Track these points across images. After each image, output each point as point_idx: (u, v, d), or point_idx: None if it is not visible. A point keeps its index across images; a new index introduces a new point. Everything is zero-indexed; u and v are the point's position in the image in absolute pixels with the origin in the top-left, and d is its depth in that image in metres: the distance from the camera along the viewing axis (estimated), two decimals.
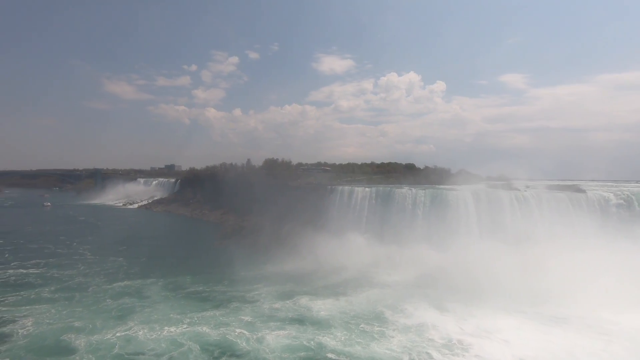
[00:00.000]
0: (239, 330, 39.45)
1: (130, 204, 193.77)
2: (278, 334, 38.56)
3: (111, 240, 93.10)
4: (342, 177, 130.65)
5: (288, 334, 38.57)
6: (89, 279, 58.46)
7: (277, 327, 40.50)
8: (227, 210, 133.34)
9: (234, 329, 39.78)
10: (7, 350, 33.81)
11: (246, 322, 41.65)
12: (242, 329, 39.80)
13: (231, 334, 38.58)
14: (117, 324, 40.38)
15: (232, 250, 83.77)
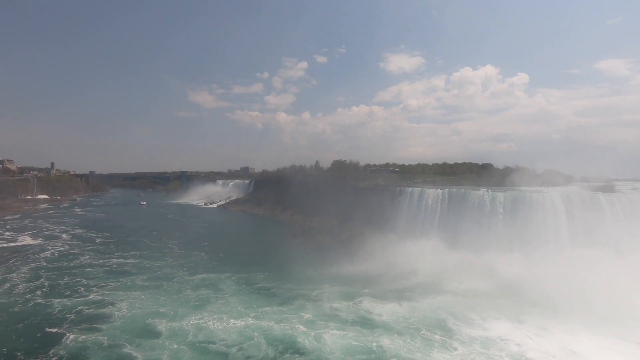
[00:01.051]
0: (300, 327, 42.30)
1: (211, 203, 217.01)
2: (337, 334, 40.52)
3: (194, 237, 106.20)
4: (412, 178, 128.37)
5: (347, 335, 40.33)
6: (174, 271, 68.03)
7: (337, 327, 42.50)
8: (297, 211, 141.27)
9: (296, 325, 42.86)
10: (107, 329, 41.47)
11: (307, 320, 44.50)
12: (304, 326, 42.55)
13: (294, 330, 41.51)
14: (193, 313, 46.55)
15: (301, 249, 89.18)
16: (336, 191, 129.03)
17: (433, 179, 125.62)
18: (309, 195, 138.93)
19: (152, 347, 37.24)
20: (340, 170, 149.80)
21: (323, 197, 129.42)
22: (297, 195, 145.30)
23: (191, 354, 36.05)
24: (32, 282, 58.88)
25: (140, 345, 37.46)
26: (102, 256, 78.93)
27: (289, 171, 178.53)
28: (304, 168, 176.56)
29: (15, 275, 62.81)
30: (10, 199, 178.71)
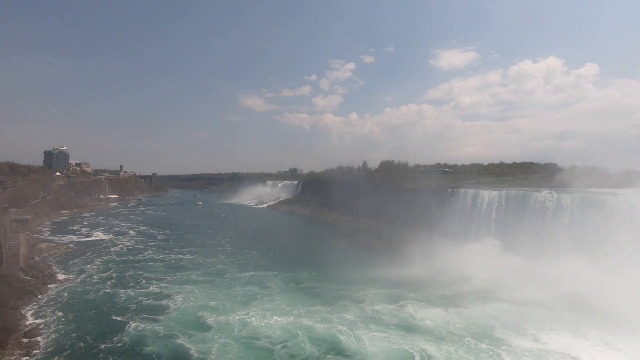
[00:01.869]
0: (342, 327, 42.65)
1: (261, 203, 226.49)
2: (378, 337, 40.29)
3: (246, 235, 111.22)
4: (465, 179, 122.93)
5: (389, 338, 39.97)
6: (226, 267, 72.24)
7: (378, 330, 42.28)
8: (344, 212, 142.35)
9: (338, 325, 43.25)
10: (163, 320, 45.01)
11: (349, 321, 44.69)
12: (346, 327, 42.86)
13: (335, 330, 41.96)
14: (241, 308, 49.04)
15: (348, 250, 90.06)
16: (384, 192, 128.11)
17: (488, 180, 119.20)
18: (356, 196, 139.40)
19: (203, 339, 39.80)
20: (388, 171, 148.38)
21: (371, 199, 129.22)
22: (345, 196, 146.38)
23: (238, 349, 37.87)
24: (103, 274, 66.23)
25: (192, 337, 40.26)
26: (162, 251, 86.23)
27: (336, 172, 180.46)
28: (351, 169, 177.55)
29: (90, 266, 71.36)
30: (86, 198, 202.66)
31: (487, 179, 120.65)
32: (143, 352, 37.20)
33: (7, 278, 55.64)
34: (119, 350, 37.47)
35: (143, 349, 37.67)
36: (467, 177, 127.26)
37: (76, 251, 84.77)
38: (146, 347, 38.20)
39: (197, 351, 37.33)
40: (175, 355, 36.67)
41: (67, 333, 41.34)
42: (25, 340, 39.33)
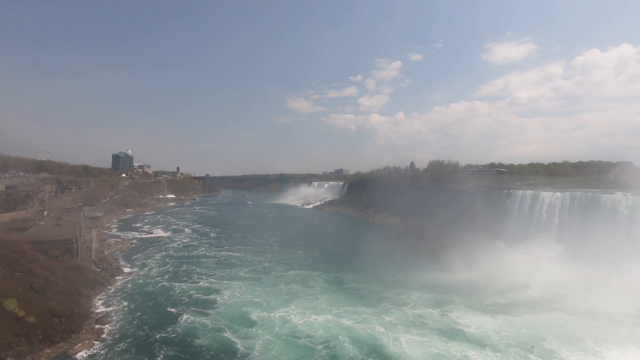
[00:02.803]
0: (380, 329, 42.56)
1: (307, 204, 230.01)
2: (417, 341, 39.56)
3: (292, 235, 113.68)
4: (522, 179, 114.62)
5: (429, 343, 39.10)
6: (272, 265, 74.64)
7: (419, 334, 41.56)
8: (391, 213, 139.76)
9: (376, 327, 43.19)
10: (212, 314, 47.64)
11: (389, 323, 44.39)
12: (385, 329, 42.67)
13: (374, 332, 41.85)
14: (283, 305, 50.47)
15: (394, 253, 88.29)
16: (433, 193, 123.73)
17: (550, 181, 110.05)
18: (404, 197, 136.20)
19: (247, 335, 41.56)
20: (437, 171, 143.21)
21: (419, 200, 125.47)
22: (392, 197, 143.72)
23: (280, 346, 38.91)
24: (161, 268, 71.64)
25: (238, 332, 42.21)
26: (214, 249, 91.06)
27: (383, 173, 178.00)
28: (398, 169, 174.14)
29: (151, 261, 77.57)
30: (148, 197, 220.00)
31: (548, 180, 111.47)
32: (193, 344, 39.65)
33: (81, 269, 62.21)
34: (172, 341, 40.30)
35: (194, 341, 40.17)
36: (524, 177, 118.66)
37: (139, 247, 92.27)
38: (196, 339, 40.67)
39: (243, 346, 38.98)
40: (222, 348, 38.56)
41: (130, 322, 45.35)
42: (96, 327, 43.78)
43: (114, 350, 38.30)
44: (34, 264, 54.25)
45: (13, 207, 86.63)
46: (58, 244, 65.21)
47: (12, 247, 57.49)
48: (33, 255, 57.44)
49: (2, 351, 34.55)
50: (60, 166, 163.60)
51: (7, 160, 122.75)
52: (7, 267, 49.84)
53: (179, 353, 37.76)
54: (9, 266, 50.28)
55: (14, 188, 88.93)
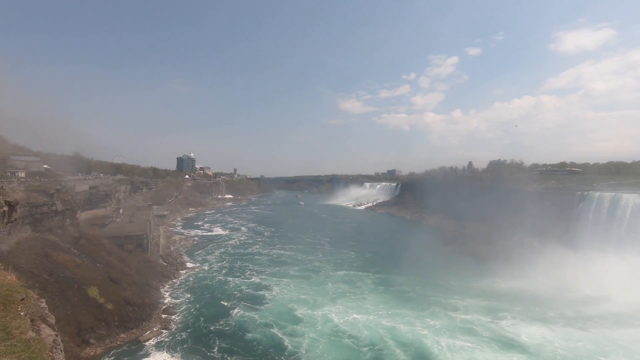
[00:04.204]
0: (424, 332, 42.03)
1: (359, 205, 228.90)
2: (462, 346, 38.31)
3: (344, 236, 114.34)
4: (600, 180, 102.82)
5: (475, 349, 37.80)
6: (322, 265, 75.98)
7: (466, 339, 40.30)
8: (447, 215, 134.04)
9: (422, 330, 42.59)
10: (262, 310, 50.05)
11: (434, 327, 43.46)
12: (428, 331, 42.06)
13: (419, 336, 41.32)
14: (329, 304, 51.58)
15: (449, 257, 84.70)
16: (494, 195, 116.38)
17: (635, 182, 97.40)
18: (460, 199, 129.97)
19: (294, 332, 43.07)
20: (498, 171, 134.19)
21: (478, 202, 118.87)
22: (447, 198, 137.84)
23: (325, 345, 39.79)
24: (219, 263, 76.39)
25: (284, 329, 43.91)
26: (267, 247, 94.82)
27: (438, 173, 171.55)
28: (455, 170, 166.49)
29: (211, 257, 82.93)
30: (208, 197, 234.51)
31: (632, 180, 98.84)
32: (245, 337, 42.13)
33: (151, 263, 68.20)
34: (225, 334, 43.17)
35: (245, 335, 42.67)
36: (603, 177, 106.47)
37: (200, 243, 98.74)
38: (247, 333, 43.13)
39: (290, 344, 40.47)
40: (271, 344, 40.47)
41: (191, 313, 49.43)
42: (164, 316, 47.83)
43: (177, 339, 41.77)
44: (112, 257, 60.78)
45: (95, 205, 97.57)
46: (132, 239, 72.31)
47: (94, 240, 64.93)
48: (111, 249, 64.40)
49: (86, 333, 39.14)
50: (133, 168, 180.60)
51: (90, 163, 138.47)
52: (90, 258, 56.34)
53: (232, 346, 40.31)
54: (91, 258, 56.81)
55: (96, 188, 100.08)
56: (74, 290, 44.16)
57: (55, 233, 58.48)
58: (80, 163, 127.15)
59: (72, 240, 60.53)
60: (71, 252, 55.41)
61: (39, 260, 46.36)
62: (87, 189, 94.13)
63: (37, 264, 45.16)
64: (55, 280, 43.92)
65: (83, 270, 50.32)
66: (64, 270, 47.30)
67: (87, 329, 39.86)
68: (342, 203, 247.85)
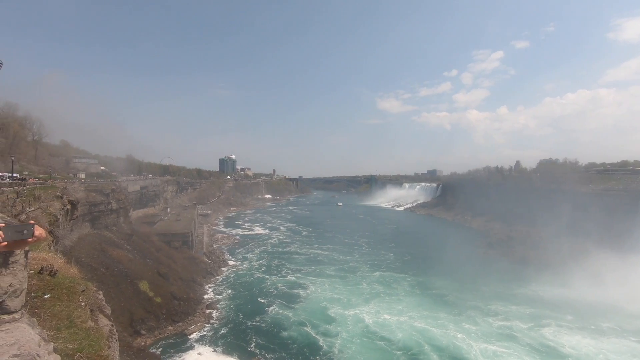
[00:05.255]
0: (460, 335, 41.04)
1: (397, 206, 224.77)
2: (492, 350, 37.26)
3: (382, 237, 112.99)
4: None
5: (508, 355, 36.74)
6: (359, 265, 75.90)
7: (503, 345, 38.98)
8: (492, 218, 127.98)
9: (457, 334, 41.56)
10: (297, 308, 51.08)
11: (468, 331, 42.31)
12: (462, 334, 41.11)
13: (453, 339, 40.42)
14: (362, 305, 51.65)
15: (494, 261, 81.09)
16: (545, 196, 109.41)
17: None
18: (507, 200, 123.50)
19: (327, 332, 43.66)
20: (549, 171, 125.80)
21: (527, 203, 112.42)
22: (493, 200, 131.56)
23: (358, 347, 39.94)
24: (259, 261, 78.89)
25: (317, 327, 44.68)
26: (304, 246, 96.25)
27: (482, 173, 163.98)
28: (501, 170, 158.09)
29: (251, 255, 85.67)
30: (248, 197, 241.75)
31: None
32: (280, 335, 43.36)
33: (195, 260, 71.65)
34: (261, 330, 44.75)
35: (280, 332, 43.90)
36: None
37: (241, 242, 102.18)
38: (283, 331, 44.33)
39: (324, 343, 41.10)
40: (306, 343, 41.34)
41: (232, 309, 51.78)
42: (207, 311, 50.09)
43: (218, 334, 43.86)
44: (160, 253, 64.64)
45: (145, 204, 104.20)
46: (178, 237, 76.46)
47: (144, 237, 69.41)
48: (159, 246, 68.51)
49: (138, 324, 41.96)
50: (179, 170, 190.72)
51: (141, 165, 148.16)
52: (140, 254, 60.28)
53: (268, 343, 41.71)
54: (142, 253, 60.76)
55: (146, 188, 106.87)
56: (127, 283, 47.54)
57: (111, 230, 63.29)
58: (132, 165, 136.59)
59: (125, 237, 65.18)
60: (124, 247, 59.67)
61: (96, 254, 50.45)
62: (138, 189, 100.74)
63: (95, 258, 49.16)
64: (110, 274, 47.54)
65: (135, 265, 54.03)
66: (118, 264, 51.08)
67: (138, 321, 42.72)
68: (381, 204, 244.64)
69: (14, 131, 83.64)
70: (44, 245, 14.02)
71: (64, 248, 37.65)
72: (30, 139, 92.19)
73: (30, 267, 9.40)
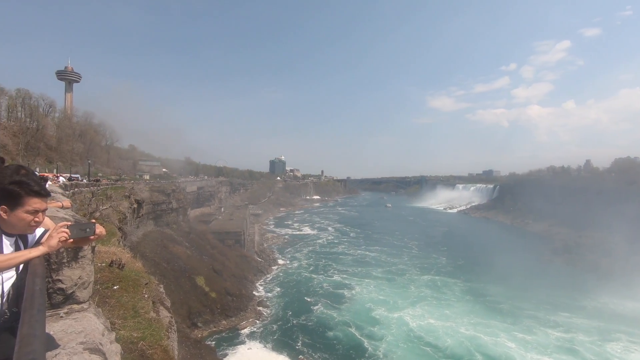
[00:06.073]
0: (511, 344, 38.84)
1: (450, 208, 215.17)
2: None
3: (434, 240, 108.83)
4: None
5: None
6: (407, 268, 74.11)
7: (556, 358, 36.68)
8: (557, 222, 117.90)
9: (506, 342, 39.43)
10: (342, 308, 51.13)
11: (522, 341, 40.02)
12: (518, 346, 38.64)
13: (505, 348, 38.21)
14: (409, 308, 50.47)
15: (560, 269, 75.09)
16: (621, 199, 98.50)
17: None
18: (574, 203, 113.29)
19: (372, 334, 43.17)
20: (627, 171, 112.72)
21: (598, 207, 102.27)
22: (557, 202, 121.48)
23: (404, 351, 39.09)
24: (307, 261, 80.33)
25: (362, 329, 44.35)
26: (352, 247, 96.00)
27: (546, 174, 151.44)
28: (567, 170, 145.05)
29: (299, 254, 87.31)
30: (297, 198, 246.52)
31: None
32: (325, 335, 43.74)
33: (247, 258, 74.50)
34: (307, 329, 45.49)
35: (326, 332, 44.28)
36: None
37: (290, 241, 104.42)
38: (328, 330, 44.69)
39: (369, 345, 40.73)
40: (351, 344, 41.25)
41: (281, 307, 53.25)
42: (258, 308, 51.78)
43: (268, 330, 45.43)
44: (215, 250, 68.16)
45: (201, 203, 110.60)
46: (231, 235, 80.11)
47: (201, 235, 73.64)
48: (214, 243, 72.27)
49: (195, 317, 44.61)
50: (232, 171, 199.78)
51: (198, 167, 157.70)
52: (197, 251, 64.01)
53: (314, 342, 42.26)
54: (199, 250, 64.49)
55: (202, 189, 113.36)
56: (185, 278, 50.72)
57: (171, 227, 67.99)
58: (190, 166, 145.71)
59: (184, 234, 69.63)
60: (183, 244, 63.77)
61: (159, 250, 54.46)
62: (195, 189, 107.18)
63: (157, 253, 53.10)
64: (171, 269, 51.04)
65: (192, 261, 57.50)
66: (177, 260, 54.71)
67: (195, 314, 45.38)
68: (432, 206, 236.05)
69: (90, 137, 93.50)
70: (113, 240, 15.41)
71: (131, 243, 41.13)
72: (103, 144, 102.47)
73: (102, 260, 10.39)
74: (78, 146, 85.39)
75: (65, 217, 4.40)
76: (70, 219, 4.28)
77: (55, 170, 55.90)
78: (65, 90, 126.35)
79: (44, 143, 78.37)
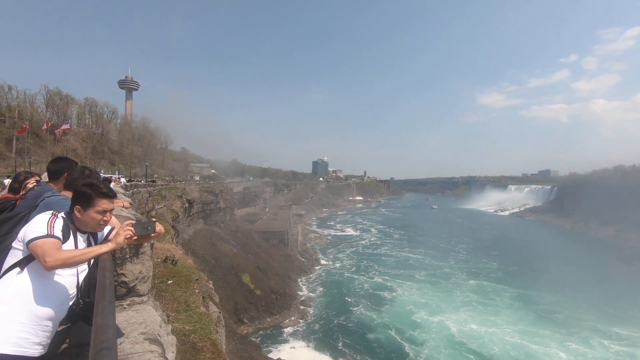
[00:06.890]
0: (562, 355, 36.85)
1: (501, 210, 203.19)
2: None
3: (483, 244, 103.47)
4: None
5: None
6: (453, 272, 71.28)
7: None
8: (626, 227, 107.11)
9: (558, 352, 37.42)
10: (382, 310, 50.47)
11: (577, 354, 37.47)
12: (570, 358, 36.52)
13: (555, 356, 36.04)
14: (452, 313, 48.63)
15: (630, 279, 68.44)
16: None
17: None
18: None
19: (413, 338, 42.26)
20: None
21: None
22: (627, 205, 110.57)
23: (447, 358, 37.90)
24: (349, 261, 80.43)
25: (403, 333, 43.55)
26: (395, 249, 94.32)
27: (613, 173, 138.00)
28: (638, 168, 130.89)
29: (342, 255, 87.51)
30: (339, 199, 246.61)
31: None
32: (365, 337, 43.40)
33: (290, 257, 75.89)
34: (348, 330, 45.45)
35: (366, 334, 43.96)
36: None
37: (333, 242, 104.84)
38: (369, 332, 44.35)
39: (410, 350, 39.91)
40: (392, 348, 40.62)
41: (323, 306, 53.86)
42: (301, 307, 52.52)
43: (310, 330, 46.11)
44: (260, 249, 70.23)
45: (247, 203, 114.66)
46: (275, 235, 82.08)
47: (247, 234, 76.26)
48: (259, 242, 74.49)
49: (241, 313, 46.31)
50: (276, 172, 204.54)
51: (244, 168, 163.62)
52: (243, 249, 66.39)
53: (354, 343, 42.08)
54: (244, 249, 66.85)
55: (248, 189, 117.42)
56: (232, 275, 52.81)
57: (219, 226, 71.20)
58: (237, 167, 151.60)
59: (231, 232, 72.58)
60: (230, 242, 66.46)
61: (208, 248, 57.22)
62: (241, 189, 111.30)
63: (206, 251, 55.81)
64: (219, 266, 53.39)
65: (239, 259, 59.75)
66: (225, 257, 57.13)
67: (241, 310, 47.08)
68: (481, 207, 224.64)
69: (148, 141, 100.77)
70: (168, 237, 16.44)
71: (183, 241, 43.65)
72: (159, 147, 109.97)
73: (157, 256, 11.16)
74: (137, 149, 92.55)
75: (128, 216, 4.82)
76: (132, 217, 4.67)
77: (117, 172, 60.95)
78: (125, 98, 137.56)
79: (108, 147, 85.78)
